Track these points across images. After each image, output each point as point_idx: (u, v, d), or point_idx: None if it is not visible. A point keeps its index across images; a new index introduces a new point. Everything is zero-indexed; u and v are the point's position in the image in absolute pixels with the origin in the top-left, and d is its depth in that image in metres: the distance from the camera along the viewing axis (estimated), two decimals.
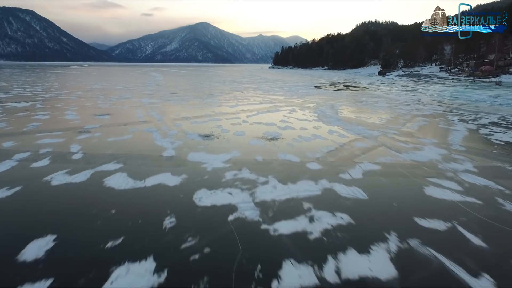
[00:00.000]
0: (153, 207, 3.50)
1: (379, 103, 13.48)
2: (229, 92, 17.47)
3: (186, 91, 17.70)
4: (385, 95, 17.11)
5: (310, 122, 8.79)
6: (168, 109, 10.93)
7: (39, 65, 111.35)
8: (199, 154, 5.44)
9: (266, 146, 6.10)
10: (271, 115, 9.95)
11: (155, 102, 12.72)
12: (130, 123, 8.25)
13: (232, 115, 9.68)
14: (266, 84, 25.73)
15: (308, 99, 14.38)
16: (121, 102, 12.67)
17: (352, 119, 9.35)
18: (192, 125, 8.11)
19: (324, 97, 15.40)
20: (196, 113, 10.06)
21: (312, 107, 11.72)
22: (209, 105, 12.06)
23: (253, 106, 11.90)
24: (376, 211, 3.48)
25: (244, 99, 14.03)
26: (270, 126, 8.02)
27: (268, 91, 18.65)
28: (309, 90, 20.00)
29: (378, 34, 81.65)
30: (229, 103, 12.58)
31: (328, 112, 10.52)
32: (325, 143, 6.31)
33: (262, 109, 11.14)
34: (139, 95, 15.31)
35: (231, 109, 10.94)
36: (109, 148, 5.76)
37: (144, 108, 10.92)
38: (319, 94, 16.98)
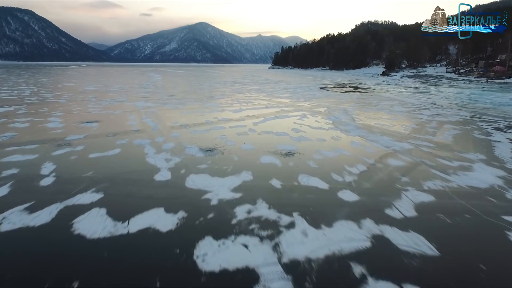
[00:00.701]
0: (136, 273, 2.40)
1: (395, 107, 12.41)
2: (231, 95, 16.37)
3: (185, 94, 16.60)
4: (397, 97, 16.03)
5: (326, 131, 7.71)
6: (164, 114, 9.84)
7: (36, 65, 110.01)
8: (201, 178, 4.35)
9: (282, 164, 5.01)
10: (280, 122, 8.87)
11: (151, 106, 11.61)
12: (120, 132, 7.15)
13: (236, 122, 8.59)
14: (269, 85, 24.65)
15: (317, 103, 13.29)
16: (113, 106, 11.57)
17: (373, 127, 8.26)
18: (191, 135, 7.01)
19: (333, 100, 14.32)
20: (196, 119, 8.96)
21: (323, 112, 10.63)
22: (210, 109, 10.96)
23: (258, 111, 10.81)
24: (455, 276, 2.39)
25: (248, 103, 12.93)
26: (282, 137, 6.92)
27: (272, 93, 17.56)
28: (315, 92, 18.92)
29: (380, 34, 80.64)
30: (232, 108, 11.49)
31: (343, 118, 9.43)
32: (352, 160, 5.22)
33: (269, 114, 10.05)
34: (134, 98, 14.21)
35: (235, 115, 9.85)
36: (89, 168, 4.66)
37: (138, 114, 9.82)
38: (327, 97, 15.90)
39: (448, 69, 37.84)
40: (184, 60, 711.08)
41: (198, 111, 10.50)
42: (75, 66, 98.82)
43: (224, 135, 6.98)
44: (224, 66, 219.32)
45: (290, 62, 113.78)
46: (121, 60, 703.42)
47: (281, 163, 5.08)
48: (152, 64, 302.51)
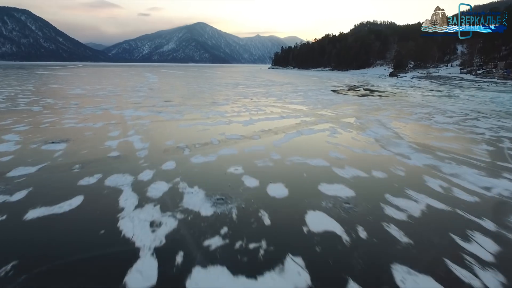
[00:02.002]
0: None
1: (435, 116, 10.36)
2: (236, 99, 14.27)
3: (183, 98, 14.48)
4: (427, 103, 13.99)
5: (376, 156, 5.65)
6: (157, 129, 7.73)
7: (30, 65, 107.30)
8: (211, 277, 2.26)
9: (350, 240, 2.91)
10: (307, 140, 6.79)
11: (142, 116, 9.49)
12: (91, 161, 5.05)
13: (251, 142, 6.50)
14: (275, 87, 22.56)
15: (339, 110, 11.21)
16: (96, 116, 9.44)
17: (433, 148, 6.20)
18: (192, 166, 4.93)
19: (356, 107, 12.26)
20: (197, 137, 6.87)
21: (355, 125, 8.55)
22: (215, 121, 8.86)
23: (274, 122, 8.73)
24: None
25: (258, 111, 10.84)
26: (321, 169, 4.89)
27: (282, 97, 15.47)
28: (330, 96, 16.84)
29: (384, 33, 78.69)
30: (240, 118, 9.39)
31: (384, 133, 7.37)
32: (461, 232, 3.13)
33: (289, 128, 7.96)
34: (124, 104, 12.09)
35: (247, 129, 7.75)
36: (15, 250, 2.55)
37: (123, 128, 7.70)
38: (347, 102, 13.83)
39: (462, 70, 35.81)
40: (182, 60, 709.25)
41: (199, 124, 8.39)
42: (70, 66, 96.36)
43: (239, 166, 4.87)
44: (223, 66, 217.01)
45: (290, 62, 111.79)
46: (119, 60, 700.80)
47: (346, 234, 2.98)
48: (149, 64, 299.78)
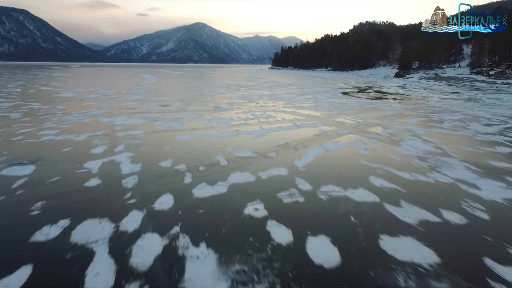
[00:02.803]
0: None
1: (470, 124, 9.10)
2: (241, 103, 12.97)
3: (182, 102, 13.18)
4: (451, 108, 12.74)
5: (435, 184, 4.36)
6: (152, 142, 6.43)
7: (26, 65, 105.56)
8: None
9: None
10: (336, 158, 5.54)
11: (135, 125, 8.18)
12: (58, 195, 3.77)
13: (267, 161, 5.23)
14: (280, 89, 21.27)
15: (359, 117, 9.94)
16: (81, 125, 8.13)
17: (496, 169, 4.95)
18: (196, 203, 3.68)
19: (376, 113, 10.99)
20: (200, 154, 5.61)
21: (384, 136, 7.28)
22: (220, 131, 7.56)
23: (289, 133, 7.47)
24: None
25: (268, 117, 9.56)
26: (375, 211, 3.62)
27: (290, 101, 14.18)
28: (342, 99, 15.57)
29: (386, 33, 77.47)
30: (249, 127, 8.10)
31: (424, 148, 6.13)
32: None
33: (309, 141, 6.67)
34: (116, 110, 10.78)
35: (259, 143, 6.46)
36: None
37: (111, 141, 6.39)
38: (363, 107, 12.58)
39: (472, 70, 34.56)
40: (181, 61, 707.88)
41: (202, 135, 7.09)
42: (68, 67, 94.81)
43: (259, 204, 3.59)
44: (222, 66, 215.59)
45: (291, 63, 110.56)
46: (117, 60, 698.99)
47: None
48: (148, 64, 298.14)
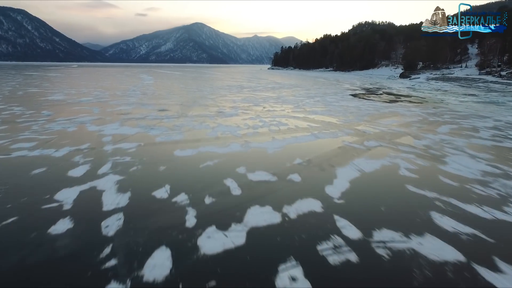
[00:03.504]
0: None
1: (510, 132, 7.95)
2: (246, 107, 11.83)
3: (182, 106, 12.03)
4: (476, 112, 11.65)
5: None
6: (145, 159, 5.27)
7: (24, 66, 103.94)
8: None
9: None
10: (377, 185, 4.43)
11: (127, 135, 7.02)
12: (4, 250, 2.55)
13: (291, 188, 4.12)
14: (285, 91, 20.13)
15: (381, 124, 8.82)
16: (64, 135, 6.98)
17: None
18: (202, 262, 2.55)
19: (398, 119, 9.90)
20: (205, 177, 4.52)
21: (420, 149, 6.17)
22: (226, 143, 6.43)
23: (308, 146, 6.37)
24: None
25: (278, 124, 8.43)
26: (466, 278, 2.40)
27: (299, 104, 13.05)
28: (354, 102, 14.45)
29: (388, 33, 76.39)
30: (260, 137, 6.97)
31: (479, 167, 5.05)
32: None
33: (335, 156, 5.55)
34: (107, 115, 9.63)
35: (275, 159, 5.34)
36: None
37: (96, 158, 5.24)
38: (380, 112, 11.50)
39: (481, 71, 33.47)
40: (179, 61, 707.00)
41: (205, 149, 5.94)
42: (65, 67, 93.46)
43: (295, 268, 2.46)
44: (221, 66, 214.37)
45: (291, 63, 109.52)
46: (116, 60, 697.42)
47: None
48: (147, 64, 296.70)
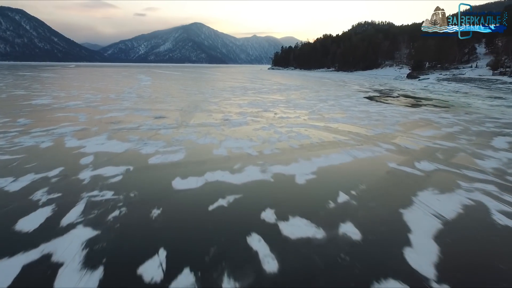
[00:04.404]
0: None
1: None
2: (255, 113, 10.37)
3: (182, 112, 10.57)
4: None
5: None
6: (132, 199, 3.82)
7: (20, 65, 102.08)
8: None
9: None
10: (476, 240, 2.88)
11: (113, 154, 5.54)
12: None
13: (351, 259, 2.59)
14: (292, 93, 18.68)
15: (421, 136, 7.38)
16: (34, 154, 5.49)
17: None
18: None
19: (435, 129, 8.47)
20: (219, 237, 3.02)
21: (497, 175, 4.66)
22: (239, 167, 4.99)
23: (347, 169, 5.00)
24: None
25: (298, 136, 7.00)
26: None
27: (314, 110, 11.61)
28: (373, 106, 13.02)
29: (392, 32, 74.97)
30: (281, 156, 5.53)
31: None
32: None
33: (393, 192, 4.14)
34: (94, 124, 8.14)
35: (313, 195, 3.96)
36: None
37: (66, 194, 3.80)
38: (409, 119, 10.10)
39: (495, 72, 32.06)
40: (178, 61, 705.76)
41: (215, 178, 4.49)
42: (62, 67, 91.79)
43: None
44: (220, 66, 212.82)
45: (291, 63, 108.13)
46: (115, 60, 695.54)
47: None
48: (145, 64, 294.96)
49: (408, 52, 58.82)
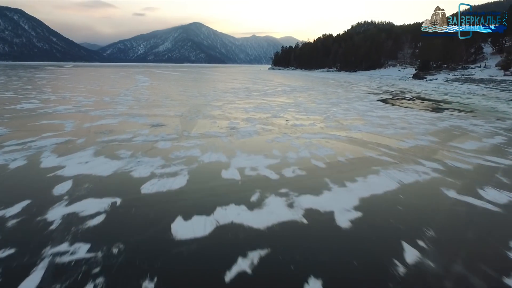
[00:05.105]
0: None
1: None
2: (264, 120, 9.24)
3: (182, 119, 9.44)
4: None
5: None
6: (117, 259, 2.61)
7: (17, 65, 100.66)
8: None
9: None
10: None
11: (97, 178, 4.41)
12: None
13: None
14: (300, 96, 17.56)
15: (464, 150, 6.28)
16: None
17: None
18: None
19: (476, 139, 7.35)
20: None
21: None
22: (255, 198, 3.85)
23: (397, 202, 3.92)
24: None
25: (320, 150, 5.88)
26: None
27: (328, 115, 10.49)
28: (391, 111, 11.92)
29: (395, 32, 73.90)
30: (305, 181, 4.44)
31: None
32: None
33: (468, 236, 2.93)
34: (81, 135, 7.01)
35: (365, 262, 2.73)
36: None
37: (21, 252, 2.57)
38: (438, 127, 9.04)
39: (507, 72, 30.94)
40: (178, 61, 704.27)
41: (227, 215, 3.38)
42: (60, 67, 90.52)
43: None
44: (220, 66, 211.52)
45: (292, 63, 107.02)
46: (114, 60, 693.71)
47: None
48: (144, 64, 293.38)
49: (411, 52, 57.75)
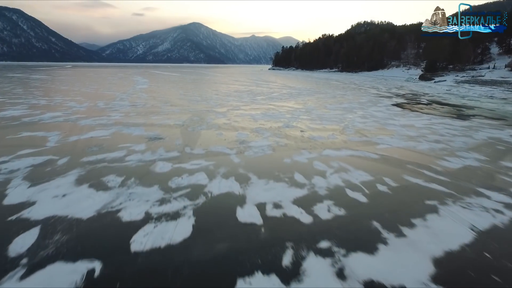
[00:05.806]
0: None
1: None
2: (275, 131, 8.14)
3: (183, 130, 8.33)
4: None
5: None
6: None
7: (14, 66, 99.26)
8: None
9: None
10: None
11: (75, 222, 3.34)
12: None
13: None
14: (307, 99, 16.47)
15: None
16: None
17: None
18: None
19: None
20: None
21: None
22: (289, 263, 2.82)
23: (481, 260, 2.68)
24: None
25: (351, 175, 4.88)
26: None
27: (346, 124, 9.41)
28: (414, 119, 10.87)
29: (398, 32, 72.85)
30: (349, 225, 3.32)
31: None
32: None
33: None
34: (66, 153, 5.92)
35: None
36: None
37: None
38: (474, 139, 8.02)
39: None
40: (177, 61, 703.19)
41: None
42: (58, 67, 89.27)
43: None
44: (219, 67, 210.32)
45: (293, 63, 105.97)
46: (113, 60, 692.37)
47: None
48: (143, 64, 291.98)
49: (415, 52, 56.73)
